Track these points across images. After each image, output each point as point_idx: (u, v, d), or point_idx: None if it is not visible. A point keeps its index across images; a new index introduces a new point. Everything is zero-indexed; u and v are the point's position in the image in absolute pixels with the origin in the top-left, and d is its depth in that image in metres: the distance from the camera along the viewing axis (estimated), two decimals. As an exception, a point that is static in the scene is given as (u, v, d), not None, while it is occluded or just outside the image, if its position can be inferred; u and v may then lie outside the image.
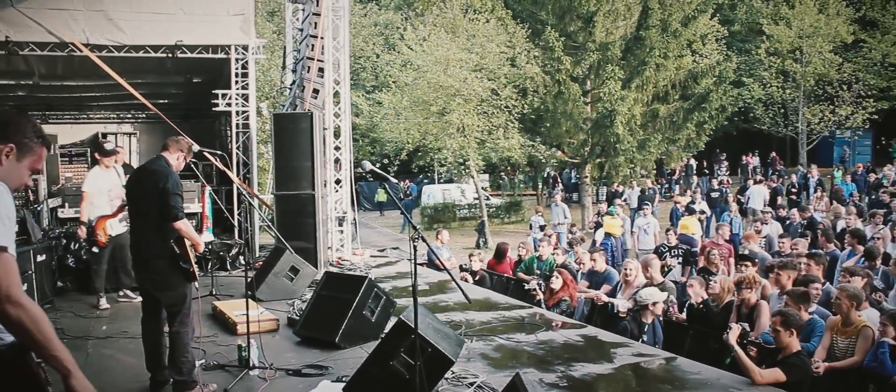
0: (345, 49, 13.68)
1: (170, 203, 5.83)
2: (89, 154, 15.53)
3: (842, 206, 17.67)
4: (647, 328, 8.25)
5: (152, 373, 6.18)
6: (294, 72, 14.45)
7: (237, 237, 13.12)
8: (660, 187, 32.52)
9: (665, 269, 11.67)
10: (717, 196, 22.82)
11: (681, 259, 12.55)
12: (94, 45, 11.76)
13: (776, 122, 33.25)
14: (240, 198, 13.20)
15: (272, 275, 9.99)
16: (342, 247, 13.81)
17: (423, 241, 4.70)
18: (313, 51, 12.95)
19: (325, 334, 7.35)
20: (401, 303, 8.37)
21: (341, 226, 13.81)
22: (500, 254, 13.54)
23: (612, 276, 10.80)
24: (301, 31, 14.20)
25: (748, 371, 6.07)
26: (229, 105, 13.08)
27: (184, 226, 5.94)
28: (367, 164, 5.01)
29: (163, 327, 6.22)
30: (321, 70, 13.06)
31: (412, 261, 4.61)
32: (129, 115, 17.33)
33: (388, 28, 37.67)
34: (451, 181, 35.73)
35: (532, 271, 11.99)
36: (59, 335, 7.83)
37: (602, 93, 25.53)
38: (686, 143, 27.07)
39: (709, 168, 36.72)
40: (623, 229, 17.49)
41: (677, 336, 8.35)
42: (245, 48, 12.82)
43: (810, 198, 21.05)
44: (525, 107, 25.72)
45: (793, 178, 25.41)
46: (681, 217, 17.39)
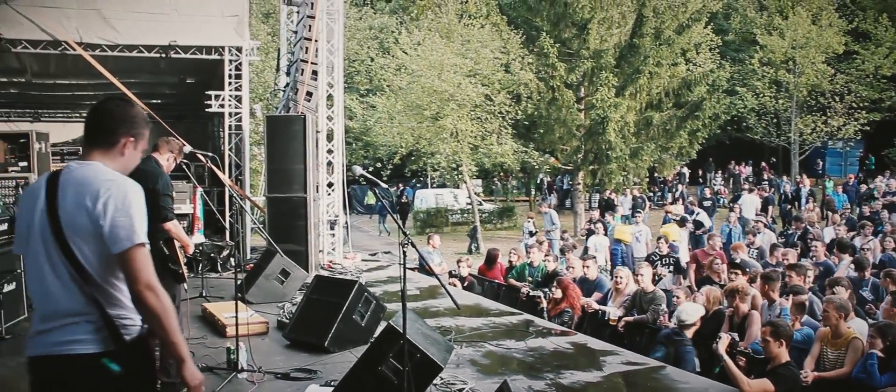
0: (339, 52, 13.67)
1: (160, 204, 5.80)
2: (80, 153, 15.49)
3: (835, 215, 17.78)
4: (689, 351, 7.82)
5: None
6: (288, 74, 14.44)
7: (228, 239, 13.08)
8: (653, 195, 32.60)
9: (656, 277, 11.68)
10: (709, 205, 22.85)
11: (672, 268, 12.55)
12: (87, 43, 11.75)
13: (769, 131, 33.33)
14: (231, 200, 13.17)
15: (263, 277, 9.96)
16: (333, 250, 13.79)
17: (413, 246, 4.68)
18: (307, 53, 12.95)
19: (315, 338, 7.33)
20: (391, 307, 8.36)
21: (333, 229, 13.79)
22: (491, 260, 13.54)
23: (603, 283, 10.82)
24: (295, 33, 14.19)
25: (737, 381, 6.08)
26: (222, 106, 13.07)
27: (173, 227, 5.92)
28: (358, 169, 5.00)
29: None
30: (315, 73, 13.05)
31: (402, 266, 4.60)
32: (122, 115, 17.26)
33: (382, 32, 37.63)
34: (444, 186, 35.70)
35: (524, 278, 11.99)
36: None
37: (595, 100, 25.56)
38: (679, 151, 27.10)
39: (703, 177, 36.80)
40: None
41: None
42: (239, 50, 12.81)
43: (802, 208, 21.09)
44: (519, 113, 25.70)
45: (786, 188, 25.45)
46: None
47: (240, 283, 9.02)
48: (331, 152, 13.68)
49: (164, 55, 12.27)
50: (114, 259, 2.85)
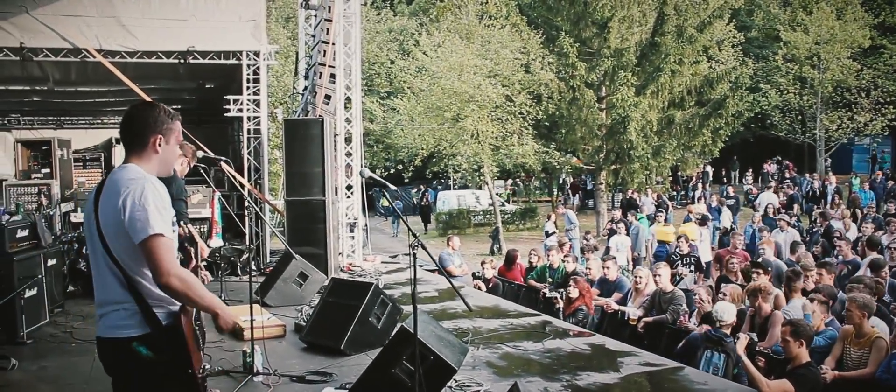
0: (356, 55, 13.69)
1: (173, 208, 5.82)
2: (103, 159, 15.62)
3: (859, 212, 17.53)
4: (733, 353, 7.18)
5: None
6: (306, 78, 14.47)
7: (248, 242, 13.14)
8: (676, 194, 32.35)
9: (676, 277, 11.58)
10: (733, 203, 22.61)
11: (692, 267, 12.43)
12: (106, 50, 11.87)
13: (793, 128, 32.96)
14: (253, 202, 13.24)
15: (281, 280, 9.98)
16: (353, 253, 13.80)
17: (424, 249, 4.66)
18: (325, 56, 12.97)
19: (331, 341, 7.33)
20: (408, 309, 8.32)
21: (352, 232, 13.81)
22: (510, 261, 13.50)
23: (623, 284, 10.74)
24: (313, 36, 14.23)
25: (756, 381, 5.99)
26: (241, 110, 13.13)
27: (189, 231, 5.96)
28: (367, 172, 4.98)
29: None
30: (333, 76, 13.07)
31: (412, 268, 4.58)
32: (143, 121, 17.41)
33: (402, 34, 37.70)
34: (466, 187, 35.68)
35: (544, 279, 11.94)
36: (68, 339, 7.92)
37: (615, 99, 25.41)
38: (701, 149, 26.86)
39: (726, 175, 36.45)
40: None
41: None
42: (256, 54, 12.87)
43: (827, 205, 20.80)
44: (539, 113, 25.64)
45: (814, 184, 25.11)
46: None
47: (258, 286, 9.07)
48: (349, 155, 13.70)
49: (182, 61, 12.35)
50: (140, 251, 3.16)
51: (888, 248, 12.11)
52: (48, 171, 13.11)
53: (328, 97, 13.08)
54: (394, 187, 5.47)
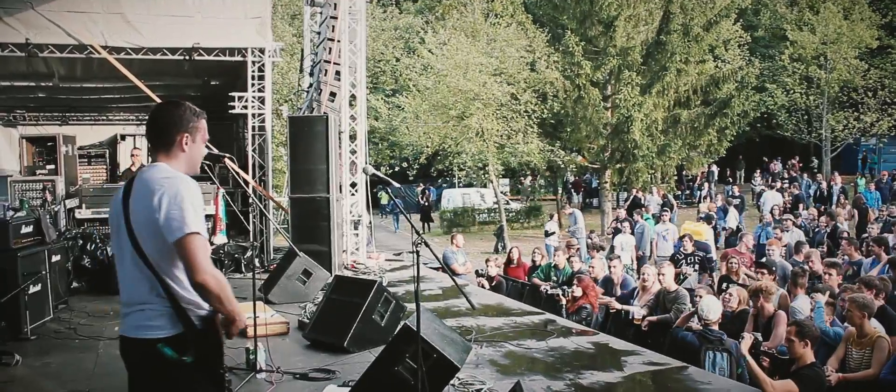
0: (361, 52, 13.69)
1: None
2: (108, 155, 15.64)
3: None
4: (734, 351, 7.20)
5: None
6: (311, 75, 14.47)
7: (252, 239, 13.14)
8: (681, 194, 32.27)
9: (681, 276, 11.55)
10: (738, 203, 22.56)
11: (697, 267, 12.40)
12: (112, 47, 11.86)
13: (799, 128, 32.85)
14: (257, 199, 13.24)
15: (285, 278, 9.99)
16: (357, 250, 13.80)
17: (426, 245, 4.65)
18: (330, 54, 12.96)
19: (334, 338, 7.32)
20: (411, 307, 8.32)
21: (356, 229, 13.81)
22: (510, 259, 13.57)
23: (628, 283, 10.73)
24: (318, 34, 14.22)
25: (760, 382, 5.96)
26: (246, 107, 13.13)
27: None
28: (370, 168, 4.96)
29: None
30: (338, 73, 13.07)
31: (415, 266, 4.57)
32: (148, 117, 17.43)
33: (408, 32, 37.67)
34: (471, 185, 35.68)
35: (549, 278, 11.93)
36: (72, 335, 7.94)
37: (620, 98, 25.36)
38: (707, 149, 26.78)
39: (732, 175, 36.34)
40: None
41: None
42: (262, 51, 12.86)
43: (832, 206, 20.74)
44: (545, 111, 25.61)
45: (822, 185, 24.99)
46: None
47: (262, 283, 9.06)
48: (354, 152, 13.70)
49: (187, 57, 12.34)
50: (173, 251, 3.16)
51: (895, 248, 12.08)
52: (53, 167, 13.14)
53: (333, 94, 13.08)
54: (397, 184, 5.44)
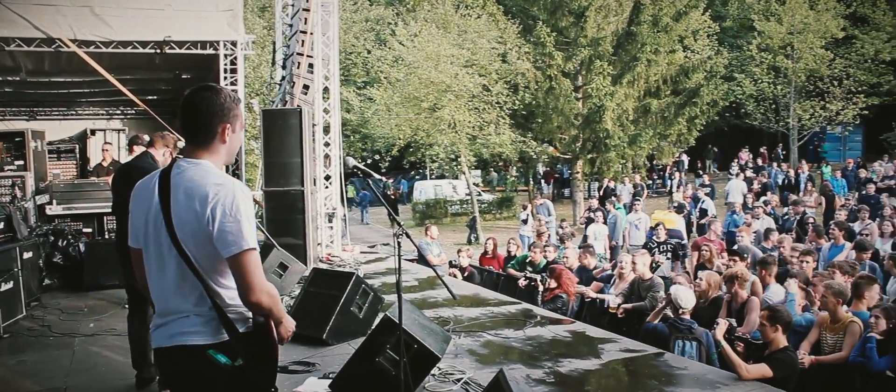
0: (334, 44, 13.64)
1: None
2: (78, 150, 15.44)
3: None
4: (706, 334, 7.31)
5: (138, 370, 6.18)
6: (284, 67, 14.39)
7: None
8: (652, 183, 32.59)
9: (654, 265, 11.68)
10: (708, 192, 22.85)
11: (669, 255, 12.56)
12: (81, 40, 11.66)
13: (767, 117, 33.29)
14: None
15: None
16: (332, 243, 13.78)
17: (408, 237, 4.67)
18: (303, 46, 12.91)
19: (313, 331, 7.32)
20: (389, 299, 8.35)
21: (331, 222, 13.79)
22: (486, 250, 13.67)
23: (600, 270, 10.85)
24: (291, 26, 14.15)
25: (735, 366, 6.08)
26: (218, 101, 13.01)
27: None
28: (351, 160, 4.96)
29: (149, 324, 6.20)
30: (311, 66, 13.02)
31: (396, 257, 4.59)
32: (118, 112, 17.23)
33: (379, 24, 37.55)
34: (443, 177, 35.72)
35: (524, 268, 12.00)
36: (46, 332, 7.85)
37: (591, 89, 25.53)
38: (677, 138, 27.08)
39: (702, 164, 36.72)
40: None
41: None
42: (234, 44, 12.73)
43: (800, 193, 21.09)
44: (516, 102, 25.72)
45: (790, 174, 25.37)
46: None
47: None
48: (328, 145, 13.67)
49: (158, 51, 12.18)
50: (222, 258, 2.92)
51: (860, 234, 12.32)
52: (22, 163, 12.92)
53: (306, 87, 13.03)
54: (378, 176, 5.46)
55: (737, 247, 10.87)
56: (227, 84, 12.87)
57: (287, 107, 13.01)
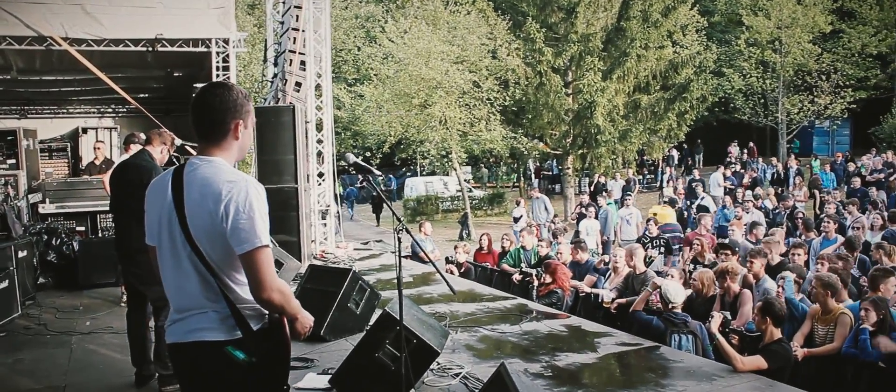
0: (326, 41, 13.64)
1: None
2: (69, 149, 15.40)
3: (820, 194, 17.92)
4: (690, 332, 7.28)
5: (138, 367, 6.19)
6: (275, 65, 14.39)
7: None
8: (642, 178, 32.72)
9: (647, 259, 11.74)
10: (697, 186, 22.95)
11: (662, 249, 12.63)
12: (72, 38, 11.62)
13: (756, 112, 33.49)
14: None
15: (256, 268, 9.94)
16: (325, 240, 13.80)
17: (408, 232, 4.70)
18: (295, 44, 12.91)
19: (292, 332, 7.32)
20: (385, 295, 8.39)
21: (325, 219, 13.81)
22: (481, 246, 13.73)
23: (591, 265, 10.91)
24: (282, 23, 14.14)
25: (730, 358, 6.14)
26: (210, 99, 12.99)
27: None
28: (351, 157, 4.98)
29: (148, 322, 6.22)
30: (303, 63, 13.02)
31: (397, 253, 4.62)
32: (110, 110, 17.21)
33: (369, 21, 37.52)
34: (434, 173, 35.75)
35: (518, 262, 12.06)
36: (43, 331, 7.84)
37: (582, 84, 25.61)
38: (667, 133, 27.21)
39: (691, 158, 36.87)
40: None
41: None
42: (226, 41, 12.70)
43: (789, 187, 21.24)
44: (507, 99, 25.79)
45: (778, 167, 25.54)
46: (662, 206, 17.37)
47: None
48: (321, 142, 13.67)
49: (150, 49, 12.14)
50: (236, 255, 2.93)
51: (851, 227, 12.42)
52: (14, 161, 12.91)
53: (299, 84, 13.04)
54: (379, 173, 5.48)
55: (728, 240, 10.96)
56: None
57: (279, 104, 13.01)
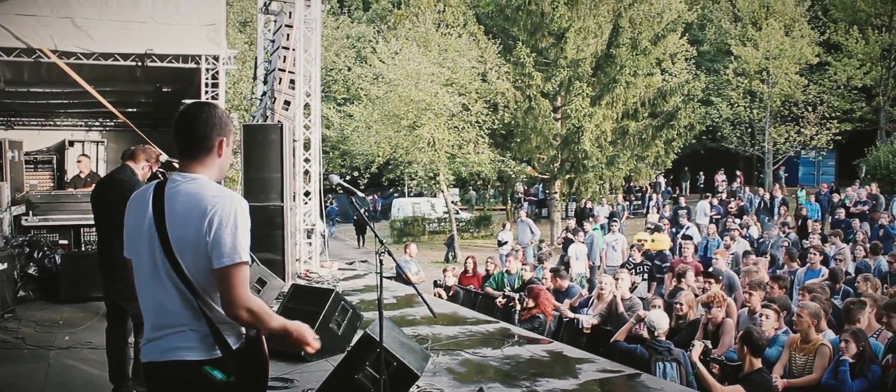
0: (316, 61, 13.66)
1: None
2: (55, 161, 15.32)
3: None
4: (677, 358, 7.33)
5: (115, 384, 6.12)
6: (265, 83, 14.40)
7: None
8: (629, 204, 32.78)
9: (631, 286, 11.76)
10: (683, 215, 23.04)
11: (646, 276, 12.66)
12: (61, 51, 11.60)
13: (743, 141, 33.75)
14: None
15: (239, 286, 9.88)
16: (310, 259, 13.76)
17: (390, 255, 4.71)
18: (285, 62, 12.93)
19: (291, 347, 7.29)
20: (368, 316, 8.36)
21: (310, 238, 13.77)
22: (466, 269, 13.70)
23: (574, 291, 10.90)
24: (273, 42, 14.16)
25: (710, 387, 6.16)
26: (198, 115, 12.97)
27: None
28: (335, 177, 5.00)
29: (128, 338, 6.17)
30: (292, 82, 13.04)
31: (378, 274, 4.62)
32: (97, 123, 17.12)
33: (360, 41, 37.59)
34: (422, 195, 35.75)
35: (502, 286, 12.04)
36: (20, 345, 7.77)
37: (570, 109, 25.75)
38: (654, 160, 27.35)
39: (678, 186, 37.00)
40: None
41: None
42: (216, 58, 12.71)
43: (774, 217, 21.31)
44: (495, 122, 25.87)
45: (765, 197, 25.61)
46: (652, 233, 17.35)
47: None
48: (308, 161, 13.66)
49: (140, 63, 12.13)
50: (216, 274, 2.91)
51: (834, 258, 12.50)
52: (-1, 173, 12.81)
53: (287, 103, 13.05)
54: (361, 194, 5.49)
55: (712, 269, 11.00)
56: (208, 98, 12.85)
57: (268, 122, 13.01)
